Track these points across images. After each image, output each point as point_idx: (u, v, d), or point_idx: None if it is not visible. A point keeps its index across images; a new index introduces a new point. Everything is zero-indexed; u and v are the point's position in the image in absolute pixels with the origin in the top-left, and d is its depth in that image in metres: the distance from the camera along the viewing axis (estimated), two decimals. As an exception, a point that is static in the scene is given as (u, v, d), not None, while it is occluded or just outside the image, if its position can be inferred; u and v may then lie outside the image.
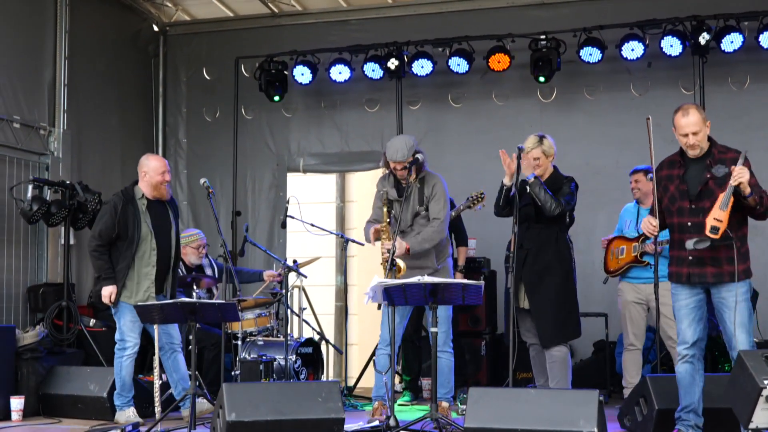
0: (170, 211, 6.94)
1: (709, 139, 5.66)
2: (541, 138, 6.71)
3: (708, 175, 5.56)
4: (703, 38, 8.30)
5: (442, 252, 6.82)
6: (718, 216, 5.41)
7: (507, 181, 6.53)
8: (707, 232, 5.43)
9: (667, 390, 6.08)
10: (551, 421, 5.13)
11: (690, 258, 5.55)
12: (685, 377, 5.65)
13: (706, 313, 5.68)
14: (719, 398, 5.65)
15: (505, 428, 5.15)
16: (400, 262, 6.54)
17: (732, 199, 5.41)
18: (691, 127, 5.55)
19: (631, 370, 7.34)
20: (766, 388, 4.93)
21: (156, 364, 6.53)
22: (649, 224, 5.68)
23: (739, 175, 5.36)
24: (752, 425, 5.01)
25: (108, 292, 6.62)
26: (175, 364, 6.77)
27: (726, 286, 5.51)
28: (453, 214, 7.80)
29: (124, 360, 6.67)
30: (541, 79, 8.93)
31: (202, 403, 6.57)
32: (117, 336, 6.74)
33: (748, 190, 5.40)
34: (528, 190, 6.50)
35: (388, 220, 6.68)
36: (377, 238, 6.83)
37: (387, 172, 6.84)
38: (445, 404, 6.67)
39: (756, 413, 4.99)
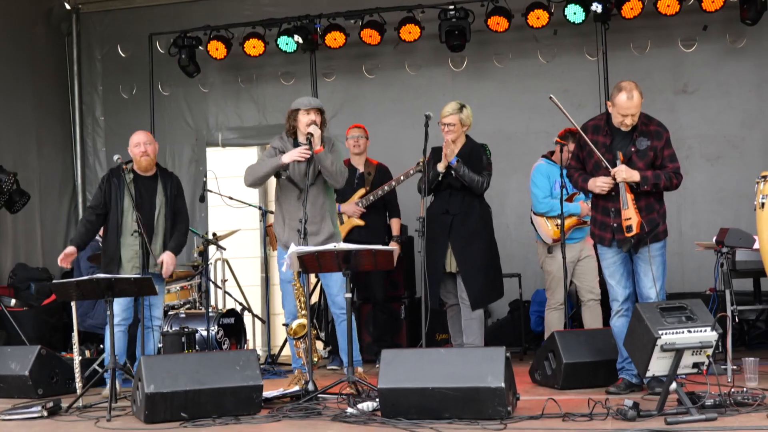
0: (161, 185, 6.91)
1: None
2: (462, 107, 6.86)
3: (633, 148, 5.81)
4: (597, 6, 8.45)
5: (334, 214, 6.73)
6: (625, 216, 5.72)
7: (442, 168, 6.76)
8: (626, 234, 5.73)
9: (574, 344, 6.35)
10: (461, 378, 5.22)
11: (615, 225, 5.84)
12: (622, 330, 5.84)
13: (630, 268, 5.95)
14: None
15: (417, 387, 5.25)
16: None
17: (631, 195, 5.72)
18: (633, 110, 5.75)
19: (560, 328, 7.55)
20: (660, 338, 5.20)
21: (75, 341, 6.57)
22: (605, 183, 5.82)
23: (619, 174, 5.71)
24: (649, 373, 5.29)
25: (65, 251, 6.75)
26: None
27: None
28: (394, 184, 7.84)
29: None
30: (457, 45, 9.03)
31: None
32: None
33: (637, 179, 5.72)
34: (453, 174, 6.77)
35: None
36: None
37: (286, 130, 6.69)
38: (360, 369, 6.64)
39: (652, 362, 5.26)
